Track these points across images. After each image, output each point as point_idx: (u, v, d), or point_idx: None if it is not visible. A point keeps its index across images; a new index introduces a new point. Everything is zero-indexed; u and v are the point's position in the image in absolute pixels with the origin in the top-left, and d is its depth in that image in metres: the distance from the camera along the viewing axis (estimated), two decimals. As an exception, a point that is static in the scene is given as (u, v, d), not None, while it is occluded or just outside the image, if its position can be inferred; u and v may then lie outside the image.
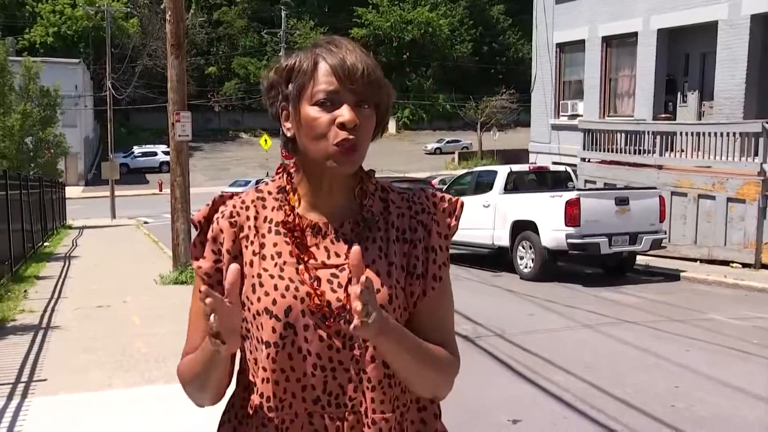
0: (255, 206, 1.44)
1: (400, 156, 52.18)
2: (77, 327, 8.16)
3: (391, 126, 67.07)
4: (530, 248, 11.75)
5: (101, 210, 32.10)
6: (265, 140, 42.76)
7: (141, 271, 12.76)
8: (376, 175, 1.51)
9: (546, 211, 11.49)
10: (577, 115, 18.84)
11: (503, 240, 12.35)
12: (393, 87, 1.42)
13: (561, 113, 19.99)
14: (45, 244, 19.47)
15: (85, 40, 56.37)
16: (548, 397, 5.61)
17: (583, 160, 16.51)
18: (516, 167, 13.56)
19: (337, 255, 1.39)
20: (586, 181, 16.04)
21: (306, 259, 1.38)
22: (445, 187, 15.48)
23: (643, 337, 7.63)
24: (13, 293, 10.38)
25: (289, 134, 1.40)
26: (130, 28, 55.75)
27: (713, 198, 12.94)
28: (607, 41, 18.58)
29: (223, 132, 63.79)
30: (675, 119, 16.49)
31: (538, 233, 11.57)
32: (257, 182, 28.97)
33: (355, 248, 1.22)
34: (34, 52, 47.80)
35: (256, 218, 1.42)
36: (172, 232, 12.07)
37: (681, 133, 14.20)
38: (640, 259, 12.64)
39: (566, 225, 11.06)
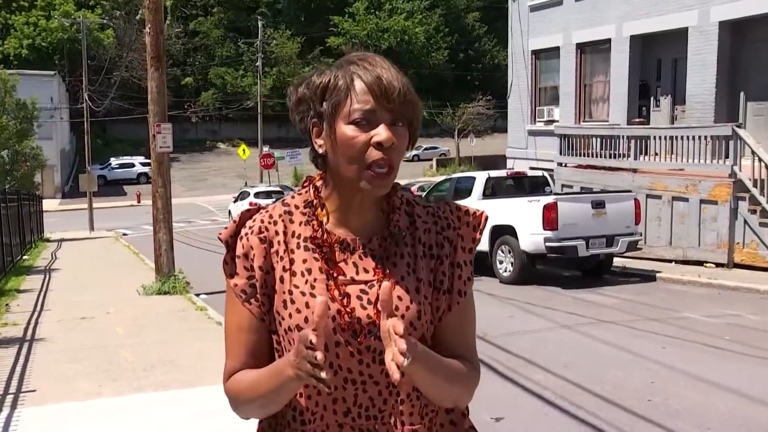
0: (283, 221, 1.43)
1: (379, 164, 52.25)
2: (62, 338, 8.20)
3: (370, 134, 67.31)
4: (509, 252, 11.94)
5: (79, 222, 31.87)
6: (243, 150, 42.74)
7: (123, 283, 12.77)
8: None
9: (524, 216, 11.69)
10: (553, 121, 19.12)
11: (483, 245, 12.52)
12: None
13: (537, 119, 20.27)
14: (24, 257, 19.34)
15: (60, 51, 55.97)
16: (529, 396, 5.78)
17: (560, 164, 16.76)
18: (494, 173, 13.78)
19: (366, 271, 1.39)
20: (563, 186, 16.29)
21: (335, 275, 1.38)
22: (425, 193, 15.66)
23: (620, 335, 7.83)
24: (-5, 307, 10.37)
25: (321, 151, 1.38)
26: (106, 39, 55.47)
27: (687, 200, 13.23)
28: (582, 48, 18.90)
29: (201, 142, 63.57)
30: (649, 123, 16.80)
31: (516, 237, 11.77)
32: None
33: (386, 285, 1.22)
34: (7, 64, 47.34)
35: (285, 233, 1.42)
36: (154, 242, 12.11)
37: (655, 137, 14.50)
38: (617, 261, 12.88)
39: (544, 229, 11.27)
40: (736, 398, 5.53)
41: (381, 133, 1.30)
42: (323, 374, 1.19)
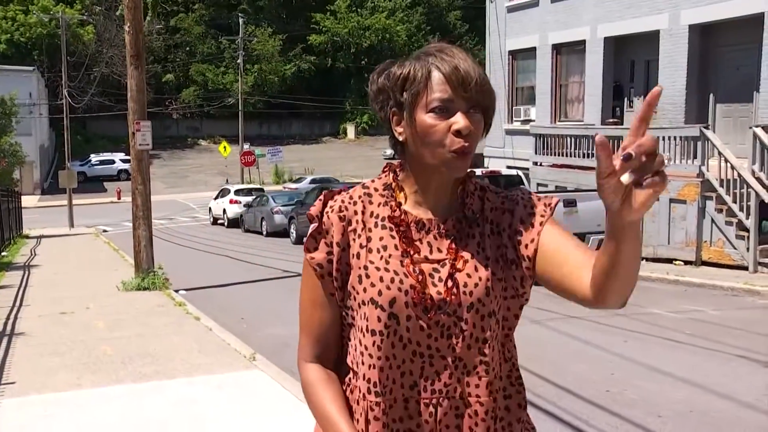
0: (362, 201, 1.51)
1: (359, 161, 52.56)
2: (42, 333, 8.33)
3: (350, 131, 67.45)
4: (484, 249, 12.21)
5: (58, 219, 31.78)
6: (225, 147, 42.77)
7: (102, 279, 12.89)
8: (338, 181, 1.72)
9: (498, 214, 11.95)
10: (530, 120, 19.45)
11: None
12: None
13: (514, 118, 20.59)
14: (3, 254, 19.34)
15: (39, 47, 55.48)
16: (494, 386, 6.02)
17: (535, 164, 17.08)
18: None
19: (439, 250, 1.46)
20: (538, 185, 16.60)
21: (411, 252, 1.45)
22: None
23: (586, 330, 8.11)
24: (-26, 302, 10.46)
25: (401, 138, 1.45)
26: (86, 35, 55.12)
27: (657, 199, 13.54)
28: (557, 49, 19.23)
29: (182, 139, 63.36)
30: (623, 124, 17.15)
31: (490, 235, 12.03)
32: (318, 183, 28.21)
33: (656, 89, 1.13)
34: (-15, 60, 47.05)
35: (363, 213, 1.49)
36: (133, 239, 12.24)
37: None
38: (589, 259, 13.18)
39: (517, 227, 11.54)
40: (688, 388, 5.82)
41: (459, 121, 1.37)
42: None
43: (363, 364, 1.45)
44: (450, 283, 1.43)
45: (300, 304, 1.54)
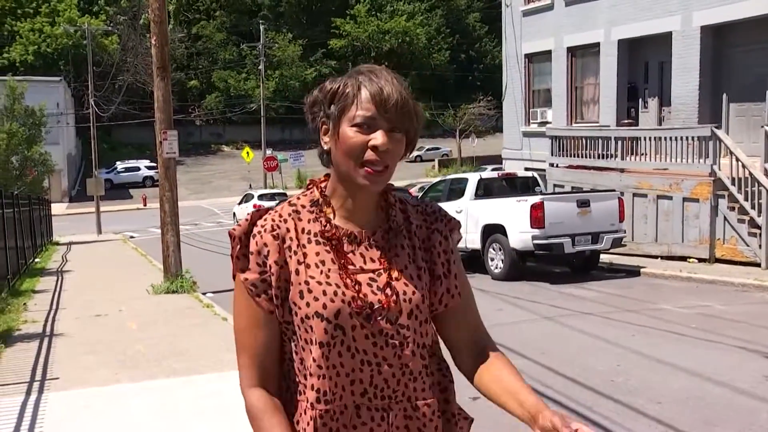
0: (292, 219, 1.55)
1: (381, 164, 52.81)
2: (79, 333, 8.82)
3: (372, 135, 67.75)
4: (500, 250, 12.55)
5: (86, 226, 32.56)
6: (247, 153, 43.38)
7: (132, 283, 13.40)
8: None
9: (513, 215, 12.30)
10: (547, 122, 19.71)
11: (475, 243, 13.14)
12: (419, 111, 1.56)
13: (531, 121, 20.86)
14: (36, 260, 20.02)
15: (65, 57, 56.72)
16: (505, 378, 6.37)
17: (552, 165, 17.34)
18: (486, 174, 14.40)
19: (372, 261, 1.53)
20: (554, 186, 16.87)
21: (346, 264, 1.51)
22: (421, 194, 16.27)
23: (597, 326, 8.43)
24: (13, 306, 10.99)
25: (326, 147, 1.53)
26: (110, 45, 56.17)
27: (671, 198, 13.80)
28: (572, 51, 19.49)
29: (205, 146, 64.27)
30: (638, 125, 17.39)
31: (506, 236, 12.37)
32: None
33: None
34: (14, 71, 48.14)
35: (295, 230, 1.53)
36: (162, 244, 12.73)
37: (642, 138, 15.07)
38: (605, 257, 13.46)
39: (532, 227, 11.87)
40: (688, 377, 6.14)
41: (377, 137, 1.45)
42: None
43: (312, 375, 1.48)
44: (389, 291, 1.50)
45: (235, 327, 1.55)
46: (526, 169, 18.16)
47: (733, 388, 5.77)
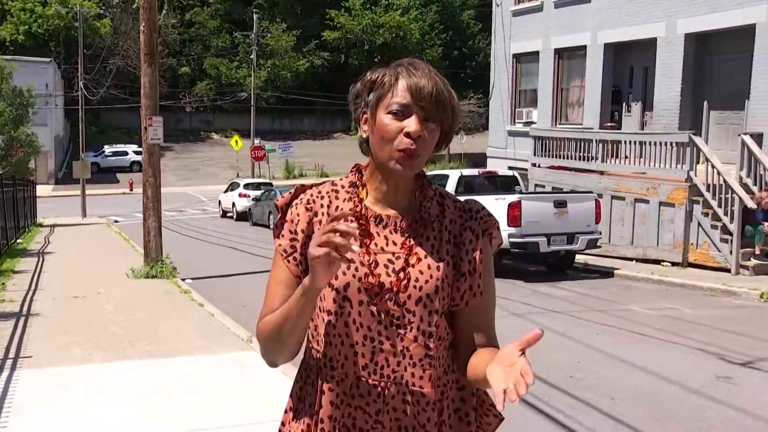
0: (329, 196, 1.67)
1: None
2: (56, 314, 8.93)
3: (362, 128, 67.83)
4: (477, 247, 12.71)
5: (72, 208, 32.50)
6: (236, 141, 43.39)
7: (113, 266, 13.49)
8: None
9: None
10: (532, 122, 19.93)
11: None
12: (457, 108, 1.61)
13: (517, 120, 21.07)
14: (18, 240, 20.02)
15: (55, 38, 56.32)
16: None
17: (534, 165, 17.55)
18: (466, 172, 14.60)
19: (395, 244, 1.60)
20: (536, 185, 17.09)
21: (368, 243, 1.59)
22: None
23: (564, 324, 8.63)
24: (-8, 285, 11.08)
25: (365, 135, 1.63)
26: (102, 28, 55.90)
27: (647, 202, 14.04)
28: (559, 53, 19.70)
29: (195, 132, 64.07)
30: (621, 128, 17.62)
31: (484, 233, 12.53)
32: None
33: (537, 332, 1.41)
34: (3, 50, 47.88)
35: (329, 206, 1.65)
36: (143, 229, 12.84)
37: (623, 142, 15.30)
38: (581, 258, 13.70)
39: (508, 225, 12.06)
40: (644, 375, 6.35)
41: (411, 124, 1.53)
42: (354, 245, 1.39)
43: (322, 341, 1.60)
44: (402, 275, 1.57)
45: (267, 284, 1.68)
46: (510, 168, 18.36)
47: (685, 387, 5.98)
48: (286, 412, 1.72)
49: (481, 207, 1.71)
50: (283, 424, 1.72)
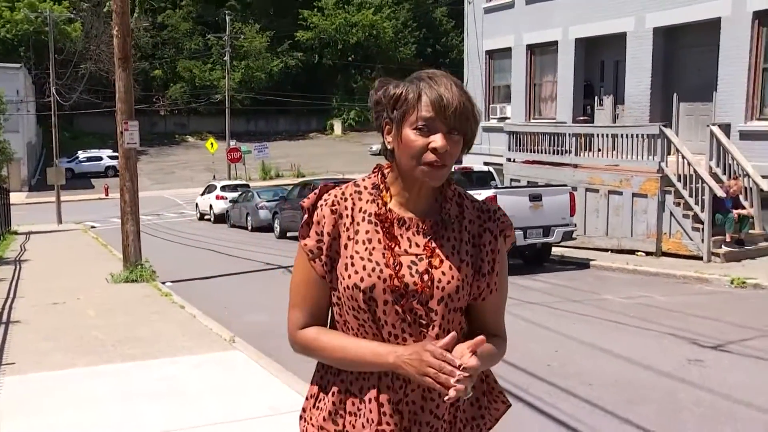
0: (352, 198, 1.73)
1: (346, 157, 53.12)
2: (36, 321, 8.92)
3: (337, 127, 67.96)
4: (455, 242, 12.87)
5: (46, 215, 32.23)
6: (212, 143, 43.17)
7: (92, 272, 13.46)
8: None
9: (468, 208, 12.61)
10: (506, 118, 20.11)
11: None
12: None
13: (491, 116, 21.25)
14: (-6, 249, 19.85)
15: (25, 43, 55.70)
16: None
17: (509, 160, 17.74)
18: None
19: (417, 245, 1.68)
20: (511, 180, 17.27)
21: (392, 246, 1.66)
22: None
23: (541, 315, 8.80)
24: (-31, 294, 11.01)
25: (389, 146, 1.70)
26: (73, 32, 55.35)
27: (621, 193, 14.27)
28: (532, 49, 19.92)
29: (169, 136, 63.70)
30: (593, 122, 17.85)
31: (461, 228, 12.69)
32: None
33: (480, 340, 1.57)
34: (-28, 57, 47.23)
35: (353, 208, 1.71)
36: (122, 233, 12.82)
37: (596, 135, 15.52)
38: (557, 250, 13.89)
39: (485, 220, 12.21)
40: (619, 362, 6.53)
41: (437, 140, 1.60)
42: (458, 383, 1.50)
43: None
44: (426, 277, 1.65)
45: (291, 284, 1.76)
46: (485, 163, 18.52)
47: (658, 371, 6.17)
48: (307, 399, 1.81)
49: (498, 207, 1.80)
50: (303, 410, 1.81)
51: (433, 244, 1.68)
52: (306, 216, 1.74)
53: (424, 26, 73.60)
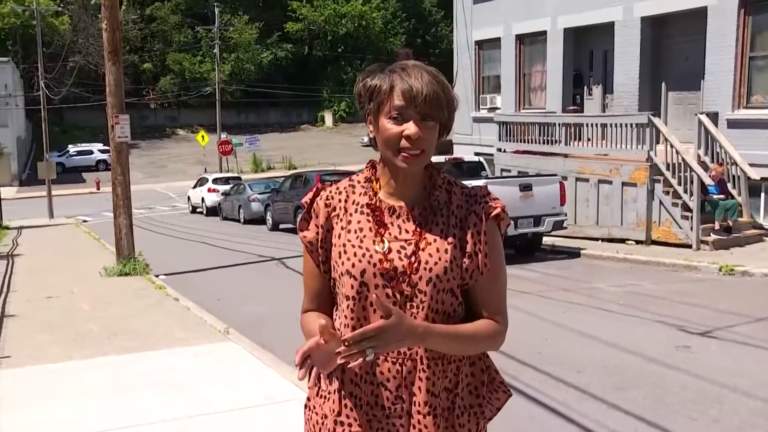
0: (346, 192, 1.84)
1: (337, 148, 53.13)
2: (31, 314, 8.97)
3: (328, 119, 67.87)
4: (446, 232, 12.96)
5: (38, 210, 32.12)
6: (202, 136, 43.09)
7: (85, 266, 13.49)
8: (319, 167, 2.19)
9: (459, 199, 12.70)
10: (496, 108, 20.18)
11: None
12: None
13: (481, 106, 21.33)
14: (-15, 244, 19.82)
15: (13, 37, 55.29)
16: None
17: (499, 150, 17.82)
18: (434, 159, 14.72)
19: (407, 231, 1.75)
20: (502, 170, 17.36)
21: (382, 232, 1.75)
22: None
23: (532, 303, 8.90)
24: (-38, 290, 11.03)
25: (371, 136, 1.78)
26: (61, 25, 55.00)
27: (610, 183, 14.38)
28: (521, 39, 19.98)
29: (160, 129, 63.48)
30: (583, 111, 17.94)
31: (452, 218, 12.78)
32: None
33: (391, 311, 1.58)
34: (-42, 51, 46.90)
35: (346, 201, 1.82)
36: (114, 227, 12.85)
37: (586, 124, 15.62)
38: (548, 240, 14.00)
39: (476, 210, 12.29)
40: (608, 348, 6.64)
41: (410, 127, 1.67)
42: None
43: (344, 325, 1.76)
44: (413, 259, 1.71)
45: (303, 276, 1.92)
46: (476, 154, 18.61)
47: (646, 357, 6.29)
48: (310, 388, 1.89)
49: (486, 192, 1.83)
50: (308, 399, 1.90)
51: (421, 229, 1.74)
52: (304, 212, 1.86)
53: (414, 17, 73.45)
